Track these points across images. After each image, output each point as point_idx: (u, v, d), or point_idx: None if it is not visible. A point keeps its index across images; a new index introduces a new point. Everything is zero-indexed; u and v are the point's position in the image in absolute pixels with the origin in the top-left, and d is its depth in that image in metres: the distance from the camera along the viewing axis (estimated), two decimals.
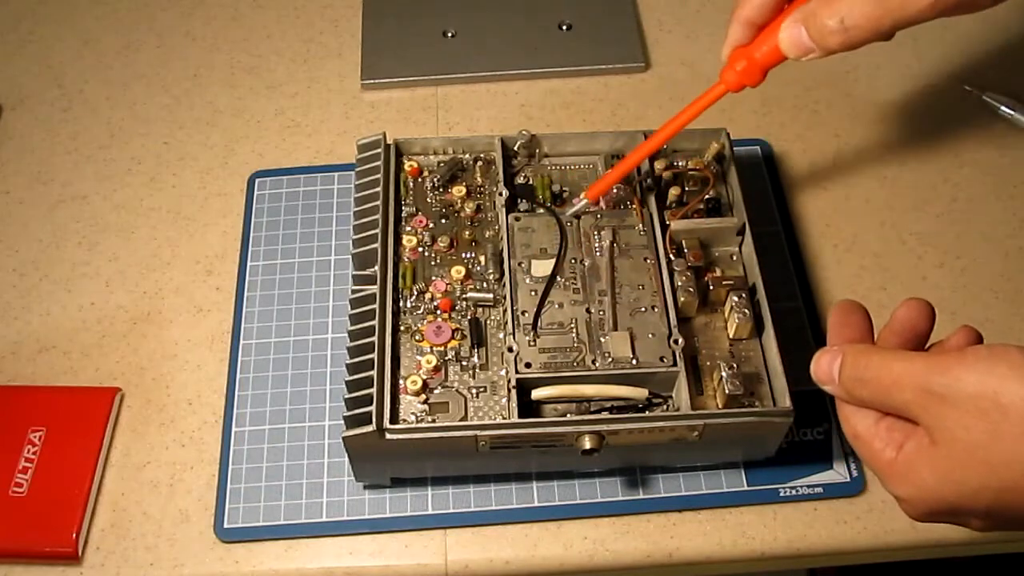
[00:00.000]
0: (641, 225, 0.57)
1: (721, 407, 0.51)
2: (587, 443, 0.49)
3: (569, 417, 0.50)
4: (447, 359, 0.53)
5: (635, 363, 0.51)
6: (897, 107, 0.72)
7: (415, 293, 0.55)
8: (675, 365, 0.51)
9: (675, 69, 0.74)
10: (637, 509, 0.54)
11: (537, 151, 0.61)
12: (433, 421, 0.51)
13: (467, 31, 0.75)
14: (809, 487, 0.55)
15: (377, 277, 0.54)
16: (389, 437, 0.49)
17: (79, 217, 0.67)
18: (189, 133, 0.71)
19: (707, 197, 0.58)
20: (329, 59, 0.75)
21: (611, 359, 0.52)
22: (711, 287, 0.54)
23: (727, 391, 0.50)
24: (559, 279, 0.55)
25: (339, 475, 0.55)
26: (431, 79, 0.73)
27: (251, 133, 0.71)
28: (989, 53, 0.74)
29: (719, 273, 0.55)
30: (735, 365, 0.51)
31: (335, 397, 0.58)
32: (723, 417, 0.50)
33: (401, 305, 0.55)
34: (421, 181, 0.60)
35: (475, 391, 0.52)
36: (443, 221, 0.59)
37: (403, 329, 0.54)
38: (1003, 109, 0.70)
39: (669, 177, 0.58)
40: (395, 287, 0.55)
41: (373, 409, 0.49)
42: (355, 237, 0.56)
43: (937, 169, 0.68)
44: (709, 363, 0.53)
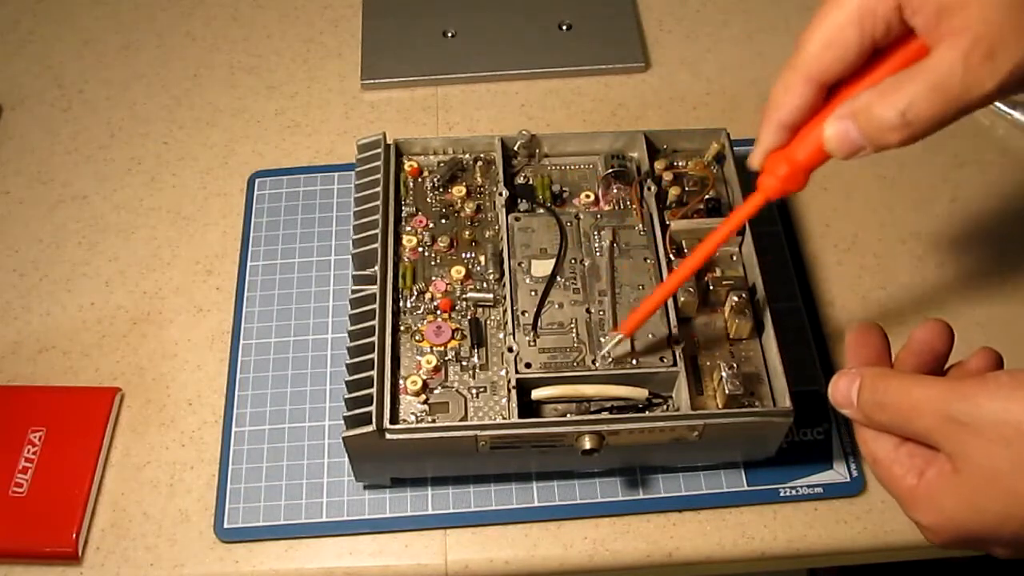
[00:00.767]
0: (641, 225, 0.57)
1: (721, 407, 0.51)
2: (587, 443, 0.49)
3: (569, 417, 0.50)
4: (447, 359, 0.53)
5: (635, 363, 0.51)
6: None
7: (415, 293, 0.55)
8: (675, 365, 0.51)
9: (675, 69, 0.74)
10: (637, 509, 0.54)
11: (537, 151, 0.61)
12: (433, 421, 0.51)
13: (467, 31, 0.75)
14: (809, 487, 0.55)
15: (377, 277, 0.54)
16: (389, 437, 0.49)
17: (79, 217, 0.67)
18: (189, 133, 0.71)
19: (707, 197, 0.58)
20: (329, 59, 0.75)
21: (611, 359, 0.52)
22: (711, 287, 0.54)
23: (727, 391, 0.50)
24: (559, 279, 0.55)
25: (339, 475, 0.55)
26: (431, 79, 0.73)
27: (251, 133, 0.71)
28: None
29: (719, 273, 0.55)
30: (735, 365, 0.51)
31: (335, 397, 0.58)
32: (723, 417, 0.50)
33: (401, 305, 0.55)
34: (421, 181, 0.60)
35: (475, 391, 0.52)
36: (443, 221, 0.59)
37: (403, 329, 0.54)
38: (1003, 109, 0.70)
39: (669, 177, 0.58)
40: (395, 287, 0.55)
41: (373, 409, 0.49)
42: (355, 237, 0.56)
43: (937, 169, 0.68)
44: (709, 363, 0.53)
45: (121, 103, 0.73)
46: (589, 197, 0.59)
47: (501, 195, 0.57)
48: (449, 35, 0.75)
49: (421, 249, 0.57)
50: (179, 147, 0.70)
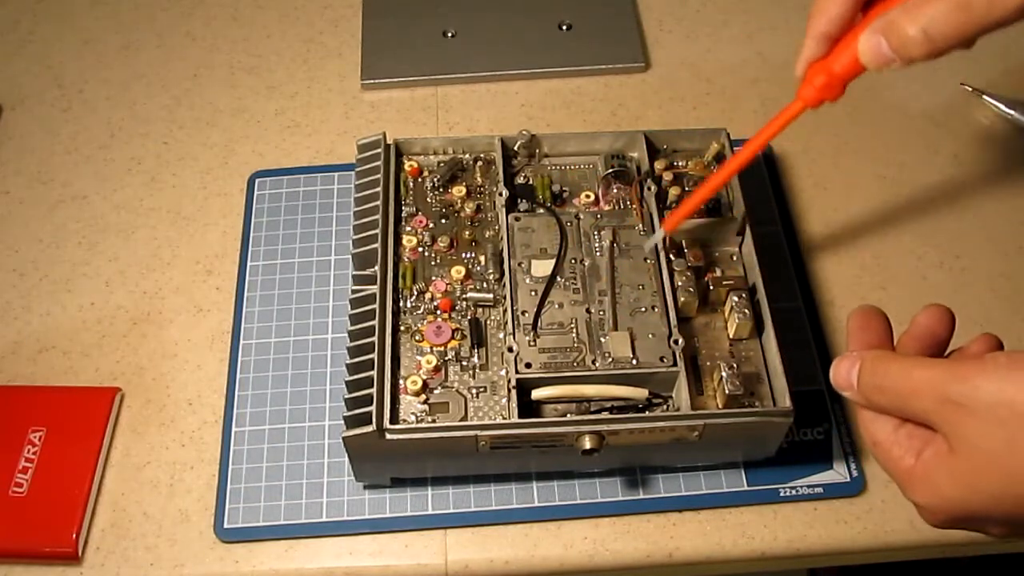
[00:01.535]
0: (641, 225, 0.57)
1: (721, 407, 0.51)
2: (587, 443, 0.49)
3: (569, 417, 0.50)
4: (447, 359, 0.53)
5: (635, 363, 0.51)
6: (897, 107, 0.72)
7: (415, 293, 0.55)
8: (675, 365, 0.51)
9: (675, 69, 0.74)
10: (637, 509, 0.54)
11: (537, 151, 0.61)
12: (433, 421, 0.51)
13: (467, 31, 0.75)
14: (809, 487, 0.55)
15: (377, 277, 0.54)
16: (389, 437, 0.49)
17: (79, 217, 0.67)
18: (189, 133, 0.71)
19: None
20: (329, 59, 0.75)
21: (611, 359, 0.52)
22: (711, 287, 0.54)
23: (727, 391, 0.50)
24: (559, 279, 0.55)
25: (339, 475, 0.55)
26: (431, 79, 0.73)
27: (251, 133, 0.71)
28: (989, 53, 0.74)
29: (719, 273, 0.55)
30: (735, 365, 0.51)
31: (335, 397, 0.58)
32: (723, 417, 0.50)
33: (401, 305, 0.55)
34: (421, 181, 0.60)
35: (475, 391, 0.52)
36: (443, 221, 0.59)
37: (403, 329, 0.54)
38: (1003, 109, 0.70)
39: (669, 177, 0.58)
40: (395, 287, 0.55)
41: (373, 409, 0.49)
42: (355, 237, 0.56)
43: (937, 169, 0.68)
44: (709, 363, 0.53)
45: (121, 103, 0.73)
46: (589, 197, 0.59)
47: (501, 195, 0.57)
48: (449, 35, 0.75)
49: (421, 249, 0.57)
50: (179, 147, 0.70)
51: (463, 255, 0.57)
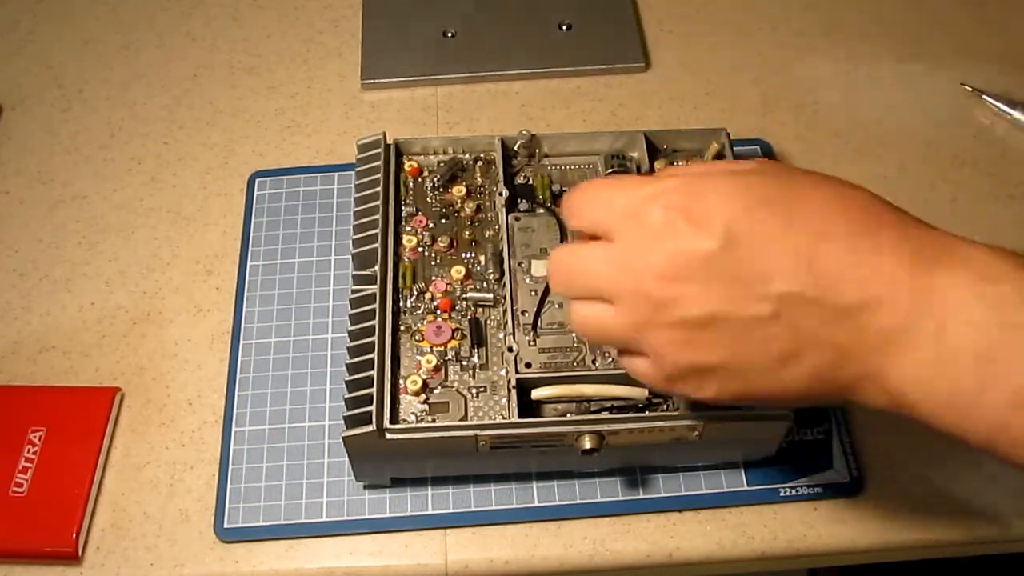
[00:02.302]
0: None
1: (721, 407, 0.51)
2: (587, 443, 0.49)
3: (569, 417, 0.50)
4: (447, 359, 0.53)
5: None
6: (897, 107, 0.72)
7: (415, 293, 0.55)
8: None
9: (675, 69, 0.74)
10: (637, 509, 0.54)
11: (537, 151, 0.61)
12: (433, 421, 0.51)
13: (467, 31, 0.75)
14: (809, 487, 0.55)
15: (377, 277, 0.54)
16: (389, 437, 0.49)
17: (79, 217, 0.67)
18: (189, 133, 0.71)
19: None
20: (329, 59, 0.75)
21: (611, 359, 0.52)
22: None
23: None
24: None
25: (339, 475, 0.55)
26: (431, 79, 0.73)
27: (251, 133, 0.71)
28: (989, 53, 0.74)
29: None
30: None
31: (335, 397, 0.58)
32: (723, 417, 0.50)
33: (401, 305, 0.55)
34: (421, 181, 0.60)
35: (475, 391, 0.52)
36: (443, 221, 0.59)
37: (403, 329, 0.54)
38: (1003, 109, 0.70)
39: None
40: (395, 287, 0.55)
41: (373, 409, 0.49)
42: (355, 237, 0.56)
43: (937, 169, 0.68)
44: None
45: (121, 103, 0.73)
46: None
47: (501, 195, 0.57)
48: (449, 35, 0.75)
49: (421, 249, 0.57)
50: (179, 147, 0.70)
51: (463, 255, 0.57)
